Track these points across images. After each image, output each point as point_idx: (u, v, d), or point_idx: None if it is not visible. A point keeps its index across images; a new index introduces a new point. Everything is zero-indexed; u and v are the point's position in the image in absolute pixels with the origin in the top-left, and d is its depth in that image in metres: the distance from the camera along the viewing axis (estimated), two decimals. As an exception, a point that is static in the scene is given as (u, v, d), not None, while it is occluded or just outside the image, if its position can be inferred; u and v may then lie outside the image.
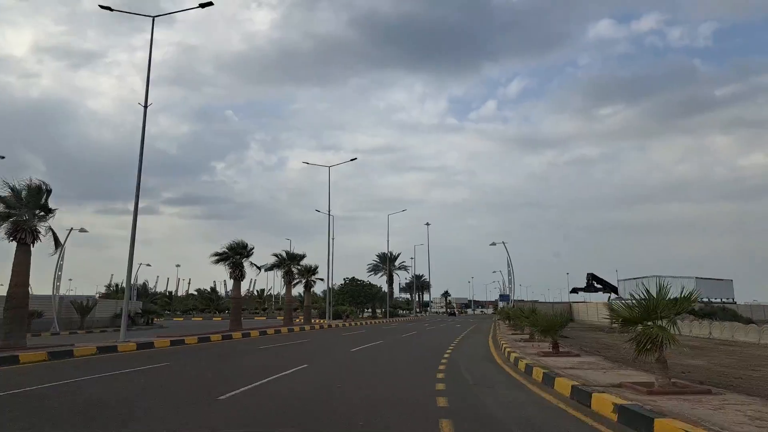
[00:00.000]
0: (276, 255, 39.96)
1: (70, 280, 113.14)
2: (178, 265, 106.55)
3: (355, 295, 67.35)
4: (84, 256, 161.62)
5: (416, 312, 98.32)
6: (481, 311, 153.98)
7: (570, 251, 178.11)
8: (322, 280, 44.49)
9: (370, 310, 77.91)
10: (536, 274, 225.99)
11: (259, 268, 32.94)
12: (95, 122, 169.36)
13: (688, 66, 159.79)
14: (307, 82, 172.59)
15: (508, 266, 51.66)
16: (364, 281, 71.60)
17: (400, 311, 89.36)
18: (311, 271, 42.82)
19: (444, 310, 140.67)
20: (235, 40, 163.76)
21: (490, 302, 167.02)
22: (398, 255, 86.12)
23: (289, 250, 42.68)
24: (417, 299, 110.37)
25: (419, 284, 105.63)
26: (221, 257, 31.22)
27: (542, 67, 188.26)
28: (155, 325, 47.69)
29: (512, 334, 27.23)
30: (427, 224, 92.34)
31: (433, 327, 43.10)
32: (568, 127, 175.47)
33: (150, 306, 60.21)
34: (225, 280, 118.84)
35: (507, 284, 52.43)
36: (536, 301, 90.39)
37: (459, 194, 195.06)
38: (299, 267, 41.25)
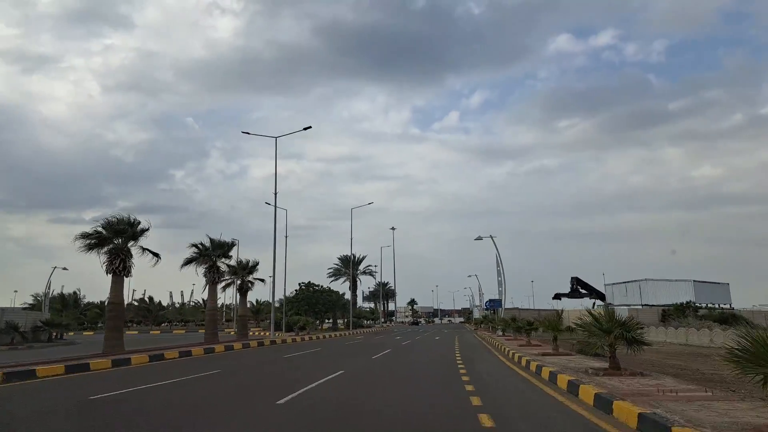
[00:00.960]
0: (195, 245, 28.50)
1: (16, 291, 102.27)
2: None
3: (312, 303, 56.80)
4: (34, 267, 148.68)
5: (382, 322, 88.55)
6: (449, 320, 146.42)
7: (533, 259, 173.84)
8: (263, 281, 33.58)
9: (330, 320, 67.44)
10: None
11: (154, 255, 21.35)
12: (48, 128, 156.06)
13: (643, 80, 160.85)
14: (269, 91, 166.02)
15: (498, 266, 42.17)
16: (322, 286, 61.19)
17: (365, 321, 79.37)
18: (248, 268, 31.84)
19: (409, 319, 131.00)
20: (197, 47, 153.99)
21: (456, 311, 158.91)
22: (363, 258, 76.02)
23: (234, 248, 31.33)
24: (383, 308, 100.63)
25: (385, 292, 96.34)
26: (93, 241, 20.11)
27: (503, 79, 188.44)
28: (63, 341, 39.87)
29: (541, 354, 17.86)
30: (393, 228, 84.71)
31: (408, 341, 33.57)
32: (528, 139, 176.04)
33: (56, 318, 48.44)
34: (182, 291, 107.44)
35: (498, 287, 42.93)
36: (516, 308, 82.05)
37: (421, 203, 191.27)
38: (230, 263, 30.19)
